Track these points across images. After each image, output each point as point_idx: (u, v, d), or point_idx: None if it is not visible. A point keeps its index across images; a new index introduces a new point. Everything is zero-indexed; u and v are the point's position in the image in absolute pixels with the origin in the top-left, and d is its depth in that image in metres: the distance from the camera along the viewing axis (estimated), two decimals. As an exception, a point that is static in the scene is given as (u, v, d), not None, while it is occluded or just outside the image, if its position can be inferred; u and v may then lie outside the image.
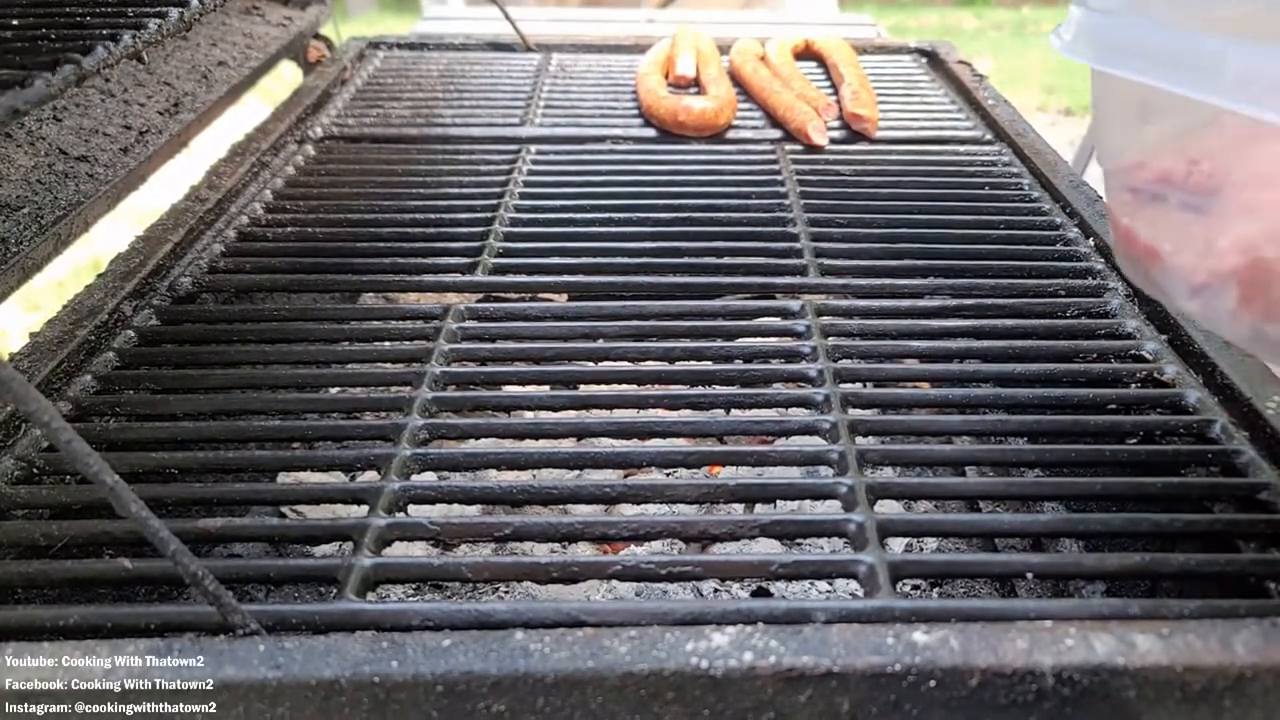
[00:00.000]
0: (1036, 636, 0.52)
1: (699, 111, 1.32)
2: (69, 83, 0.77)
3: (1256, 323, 0.48)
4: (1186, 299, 0.52)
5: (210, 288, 0.98)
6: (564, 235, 1.08)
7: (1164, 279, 0.54)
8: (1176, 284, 0.53)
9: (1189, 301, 0.52)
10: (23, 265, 0.92)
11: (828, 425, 0.75)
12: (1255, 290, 0.47)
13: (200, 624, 0.56)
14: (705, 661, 0.51)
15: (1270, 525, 0.65)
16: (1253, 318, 0.48)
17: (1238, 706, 0.51)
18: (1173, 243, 0.52)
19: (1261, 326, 0.48)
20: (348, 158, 1.28)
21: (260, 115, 1.39)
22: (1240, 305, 0.49)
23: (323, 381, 0.84)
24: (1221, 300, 0.49)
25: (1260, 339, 0.49)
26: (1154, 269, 0.54)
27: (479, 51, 1.72)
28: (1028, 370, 0.83)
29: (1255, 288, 0.47)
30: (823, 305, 0.92)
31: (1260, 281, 0.47)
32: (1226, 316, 0.50)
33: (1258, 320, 0.48)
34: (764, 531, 0.66)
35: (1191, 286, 0.51)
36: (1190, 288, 0.52)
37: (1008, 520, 0.66)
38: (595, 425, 0.78)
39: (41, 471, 0.72)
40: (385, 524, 0.65)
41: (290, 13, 1.72)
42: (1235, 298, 0.49)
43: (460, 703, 0.51)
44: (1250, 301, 0.48)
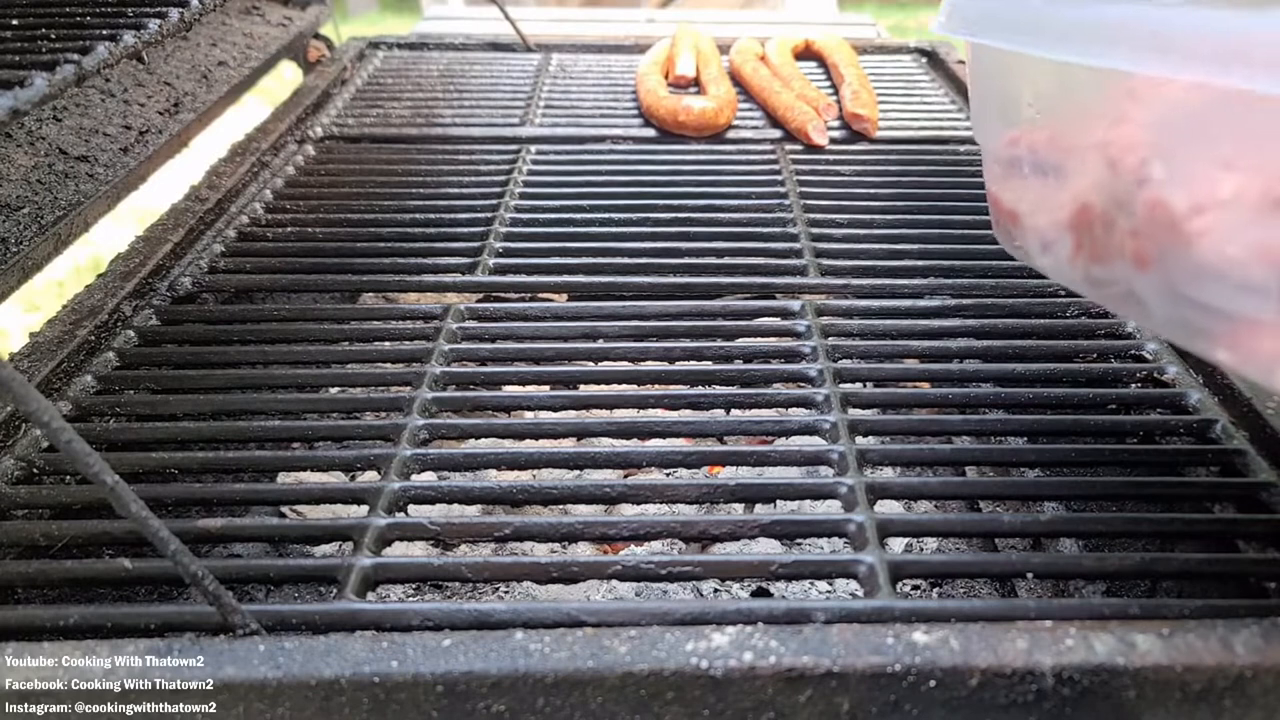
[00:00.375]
0: (1036, 636, 0.52)
1: (699, 111, 1.32)
2: (69, 83, 0.77)
3: (1086, 266, 0.52)
4: (1040, 255, 0.57)
5: (210, 288, 0.98)
6: (564, 235, 1.08)
7: (1023, 239, 0.59)
8: (1032, 242, 0.58)
9: (1041, 257, 0.57)
10: (23, 265, 0.92)
11: (828, 425, 0.75)
12: (1083, 234, 0.51)
13: (200, 624, 0.56)
14: (705, 661, 0.51)
15: (1270, 525, 0.65)
16: (1083, 261, 0.52)
17: (1238, 706, 0.51)
18: (1028, 205, 0.57)
19: (1089, 268, 0.52)
20: (348, 158, 1.28)
21: (260, 115, 1.39)
22: (1074, 252, 0.53)
23: (323, 381, 0.84)
24: (1062, 250, 0.54)
25: (1092, 282, 0.52)
26: (1015, 231, 0.60)
27: (479, 51, 1.72)
28: (1028, 370, 0.83)
29: (1082, 233, 0.51)
30: (823, 305, 0.93)
31: (1085, 226, 0.51)
32: (1066, 265, 0.54)
33: (1087, 263, 0.52)
34: (764, 531, 0.66)
35: (1043, 243, 0.56)
36: (1042, 244, 0.56)
37: (1008, 520, 0.66)
38: (595, 425, 0.78)
39: (41, 471, 0.72)
40: (385, 524, 0.65)
41: (290, 13, 1.72)
42: (1071, 245, 0.53)
43: (460, 703, 0.51)
44: (1080, 247, 0.52)
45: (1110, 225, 0.48)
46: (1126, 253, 0.47)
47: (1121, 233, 0.47)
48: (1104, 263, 0.50)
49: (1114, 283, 0.49)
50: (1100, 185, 0.48)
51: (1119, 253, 0.48)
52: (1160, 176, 0.44)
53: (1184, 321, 0.45)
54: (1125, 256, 0.47)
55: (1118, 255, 0.48)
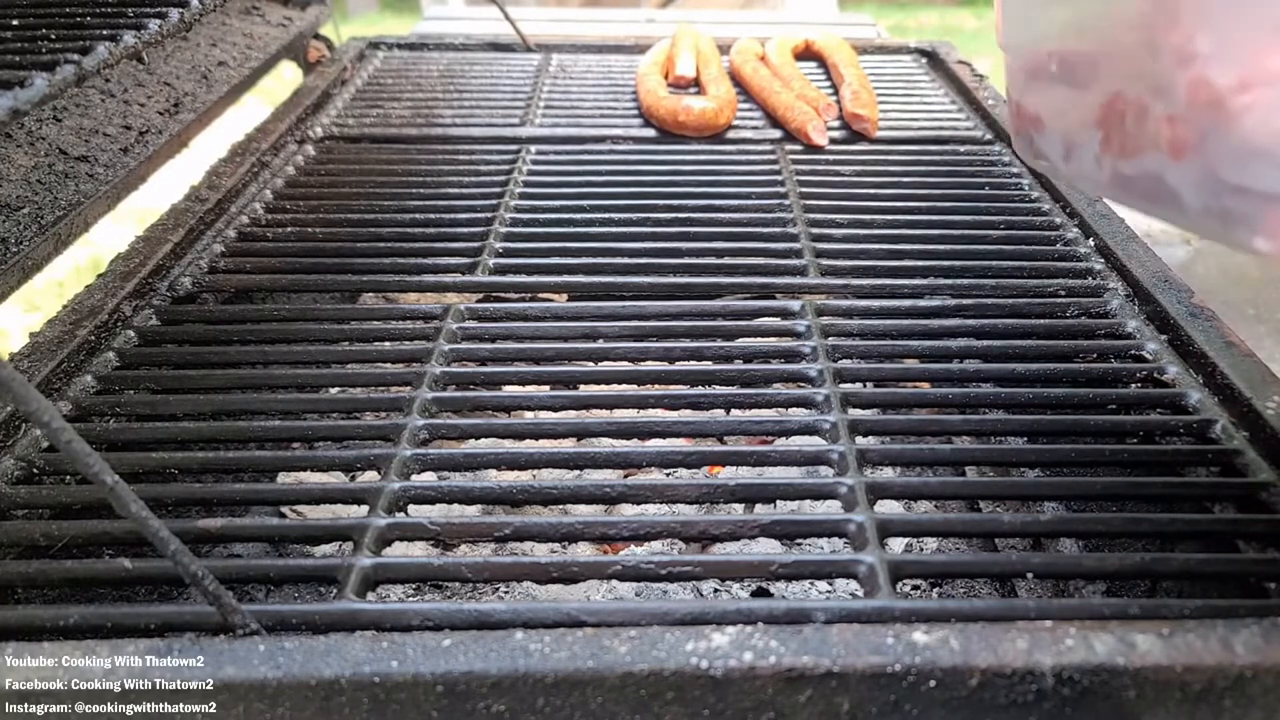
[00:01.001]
0: (1036, 636, 0.52)
1: (699, 111, 1.32)
2: (69, 83, 0.77)
3: (1114, 162, 0.51)
4: (1063, 160, 0.56)
5: (210, 288, 0.98)
6: (564, 235, 1.08)
7: (1045, 145, 0.58)
8: (1055, 146, 0.57)
9: (1065, 163, 0.56)
10: (23, 265, 0.92)
11: (828, 425, 0.75)
12: (1112, 128, 0.50)
13: (200, 624, 0.56)
14: (705, 661, 0.51)
15: (1270, 525, 0.65)
16: (1111, 158, 0.51)
17: (1238, 706, 0.51)
18: (1053, 109, 0.57)
19: (1118, 165, 0.51)
20: (348, 158, 1.28)
21: (260, 115, 1.39)
22: (1102, 149, 0.52)
23: (323, 382, 0.84)
24: (1088, 150, 0.53)
25: (1119, 180, 0.51)
26: (1038, 137, 0.59)
27: (479, 51, 1.72)
28: (1028, 370, 0.83)
29: (1112, 126, 0.50)
30: (823, 305, 0.93)
31: (1117, 118, 0.50)
32: (1093, 166, 0.53)
33: (1116, 159, 0.51)
34: (764, 531, 0.66)
35: (1067, 146, 0.56)
36: (1066, 148, 0.56)
37: (1008, 520, 0.66)
38: (595, 425, 0.78)
39: (41, 471, 0.72)
40: (385, 524, 0.65)
41: (290, 13, 1.72)
42: (1099, 141, 0.52)
43: (460, 703, 0.51)
44: (1108, 143, 0.51)
45: (1143, 114, 0.47)
46: (1161, 142, 0.46)
47: (1156, 120, 0.46)
48: (1134, 156, 0.49)
49: (1144, 178, 0.48)
50: (1136, 72, 0.47)
51: (1152, 143, 0.46)
52: (1206, 52, 0.42)
53: (1222, 211, 0.44)
54: (1160, 146, 0.46)
55: (1150, 146, 0.47)
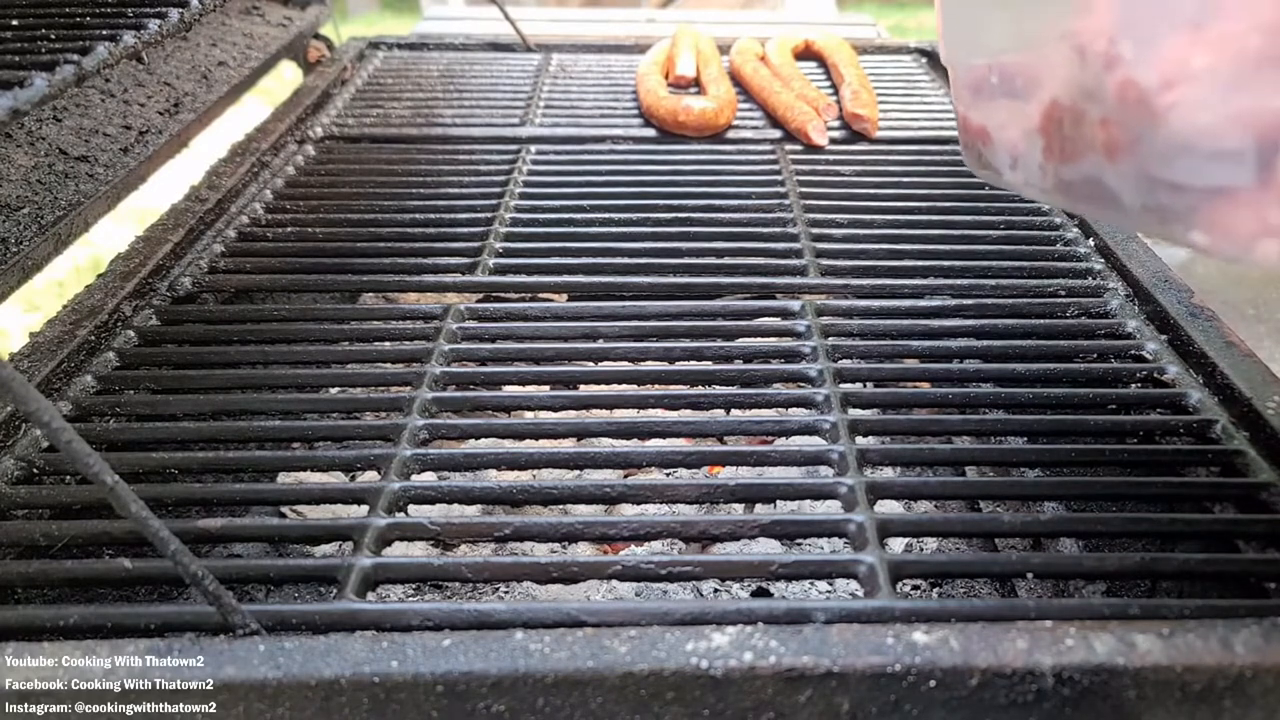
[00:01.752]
0: (1036, 636, 0.52)
1: (699, 111, 1.32)
2: (69, 83, 0.77)
3: (1058, 169, 0.52)
4: (1009, 171, 0.58)
5: (210, 288, 0.98)
6: (564, 235, 1.08)
7: (992, 156, 0.60)
8: (1002, 158, 0.58)
9: (1011, 173, 0.58)
10: (23, 265, 0.92)
11: (828, 425, 0.75)
12: (1052, 135, 0.51)
13: (200, 624, 0.56)
14: (705, 661, 0.51)
15: (1270, 525, 0.65)
16: (1054, 165, 0.52)
17: (1238, 706, 0.51)
18: (998, 121, 0.58)
19: (1060, 171, 0.52)
20: (348, 158, 1.28)
21: (260, 115, 1.39)
22: (1044, 156, 0.53)
23: (323, 382, 0.84)
24: (1032, 158, 0.54)
25: (1062, 185, 0.52)
26: (985, 149, 0.60)
27: (479, 51, 1.72)
28: (1028, 370, 0.83)
29: (1051, 133, 0.51)
30: (823, 305, 0.93)
31: (1054, 125, 0.51)
32: (1038, 174, 0.54)
33: (1058, 165, 0.52)
34: (764, 531, 0.66)
35: (1012, 157, 0.57)
36: (1011, 158, 0.57)
37: (1008, 520, 0.66)
38: (595, 425, 0.78)
39: (41, 471, 0.72)
40: (385, 524, 0.65)
41: (290, 13, 1.72)
42: (1041, 149, 0.53)
43: (460, 703, 0.51)
44: (1050, 150, 0.52)
45: (1079, 119, 0.48)
46: (1097, 144, 0.47)
47: (1091, 124, 0.47)
48: (1074, 160, 0.50)
49: (1084, 181, 0.49)
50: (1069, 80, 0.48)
51: (1089, 146, 0.47)
52: (1129, 55, 0.43)
53: (1158, 208, 0.44)
54: (1096, 149, 0.47)
55: (1088, 149, 0.48)
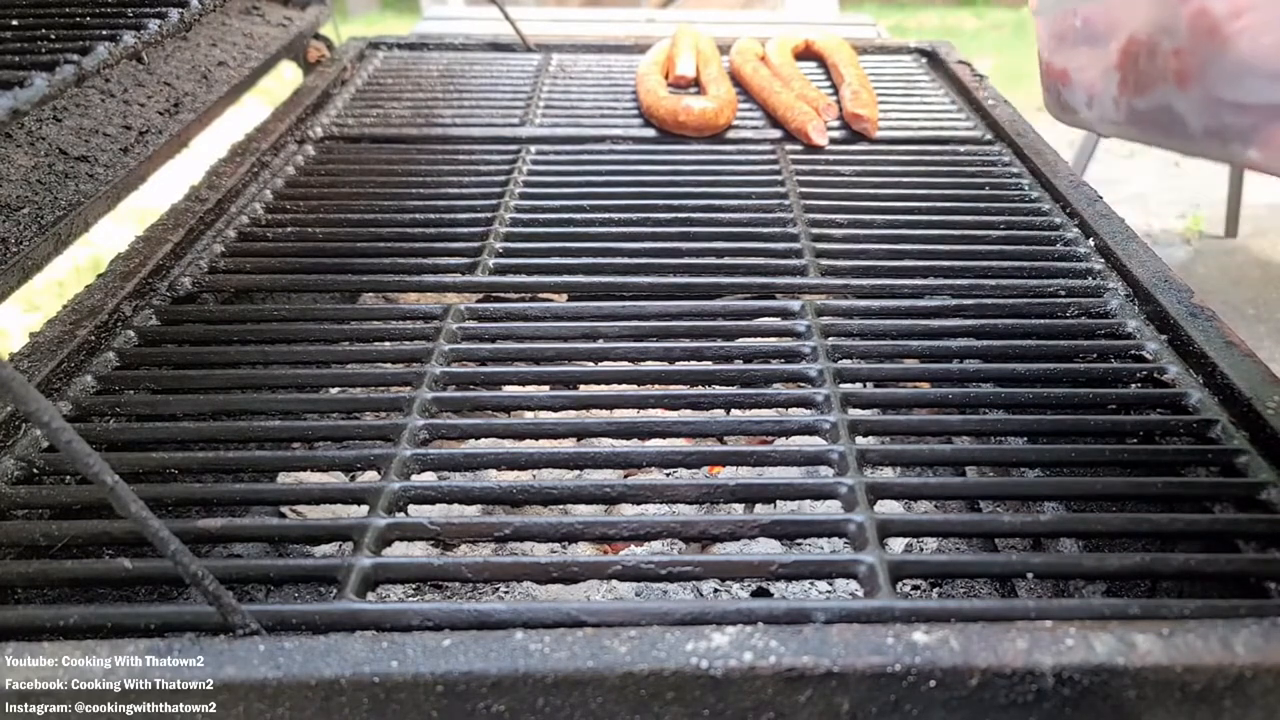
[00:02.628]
0: (1036, 636, 0.52)
1: (699, 111, 1.32)
2: (69, 83, 0.77)
3: (1131, 101, 0.55)
4: (1085, 109, 0.61)
5: (210, 288, 0.98)
6: (564, 235, 1.08)
7: (1071, 96, 0.63)
8: (1079, 97, 0.62)
9: (1087, 110, 0.61)
10: (23, 265, 0.92)
11: (828, 425, 0.75)
12: (1128, 69, 0.54)
13: (200, 624, 0.56)
14: (705, 661, 0.51)
15: (1270, 525, 0.65)
16: (1127, 98, 0.55)
17: (1238, 706, 0.51)
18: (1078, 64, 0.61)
19: (1134, 102, 0.55)
20: (348, 158, 1.28)
21: (260, 115, 1.39)
22: (1119, 90, 0.56)
23: (323, 382, 0.84)
24: (1107, 94, 0.57)
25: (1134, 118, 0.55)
26: (1064, 90, 0.64)
27: (479, 51, 1.72)
28: (1028, 370, 0.83)
29: (1127, 66, 0.54)
30: (823, 305, 0.92)
31: (1131, 59, 0.54)
32: (1112, 108, 0.57)
33: (1131, 98, 0.55)
34: (764, 531, 0.66)
35: (1089, 95, 0.60)
36: (1088, 97, 0.60)
37: (1008, 520, 0.66)
38: (595, 425, 0.78)
39: (41, 471, 0.72)
40: (385, 524, 0.65)
41: (290, 13, 1.72)
42: (1116, 84, 0.56)
43: (460, 703, 0.51)
44: (1124, 83, 0.55)
45: (1154, 51, 0.52)
46: (1169, 73, 0.50)
47: (1165, 55, 0.51)
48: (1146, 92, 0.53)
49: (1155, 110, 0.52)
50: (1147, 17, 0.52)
51: (1161, 76, 0.51)
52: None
53: (1221, 129, 0.48)
54: (1168, 78, 0.50)
55: (1160, 79, 0.51)
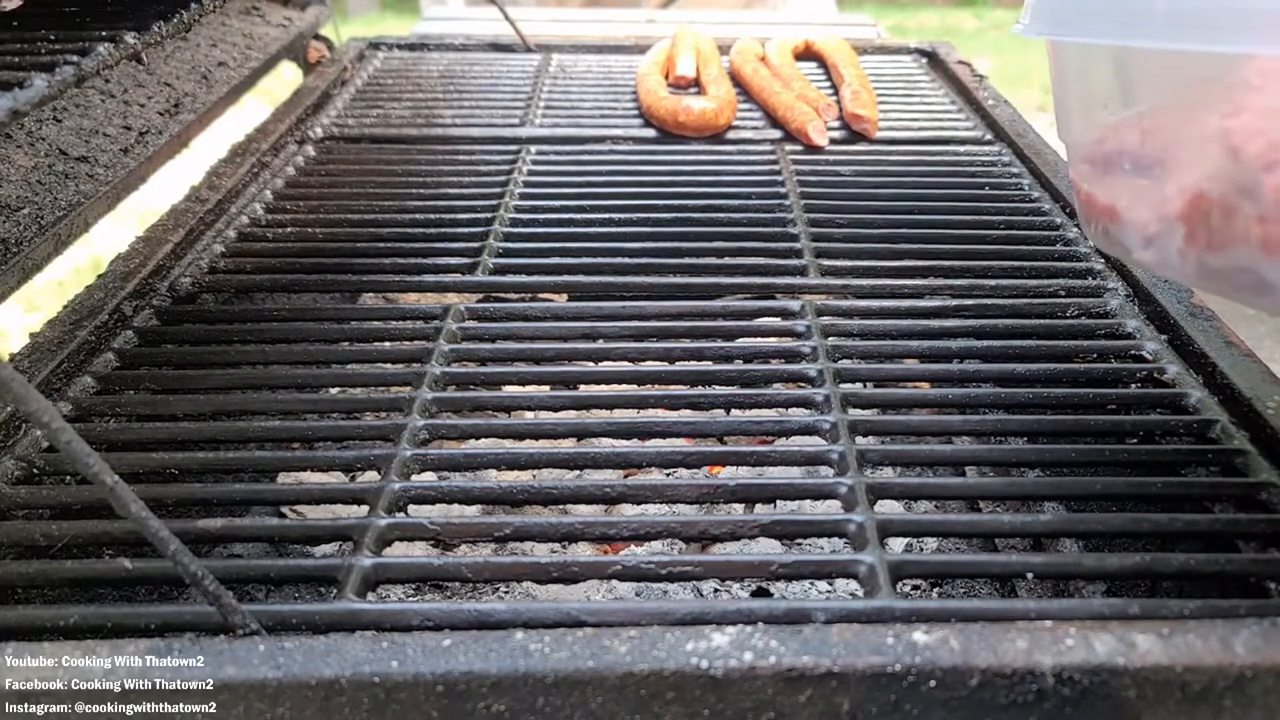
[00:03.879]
0: (1036, 636, 0.52)
1: (699, 112, 1.32)
2: (69, 83, 0.77)
3: (1201, 255, 0.53)
4: (1141, 249, 0.58)
5: (210, 288, 0.98)
6: (564, 235, 1.08)
7: (1121, 234, 0.60)
8: (1132, 237, 0.59)
9: (1144, 252, 0.58)
10: (23, 265, 0.92)
11: (828, 425, 0.75)
12: (1197, 224, 0.52)
13: (200, 624, 0.56)
14: (705, 661, 0.51)
15: (1270, 525, 0.65)
16: (1197, 252, 0.53)
17: (1238, 706, 0.51)
18: (1128, 200, 0.58)
19: (1205, 258, 0.52)
20: (348, 158, 1.28)
21: (260, 116, 1.39)
22: (1186, 243, 0.53)
23: (323, 382, 0.84)
24: (1171, 242, 0.54)
25: (1206, 272, 0.53)
26: (1113, 227, 0.60)
27: (479, 52, 1.72)
28: (1028, 370, 0.83)
29: (1197, 222, 0.52)
30: (823, 305, 0.92)
31: (1201, 215, 0.51)
32: (1176, 257, 0.55)
33: (1201, 253, 0.53)
34: (764, 531, 0.66)
35: (1145, 237, 0.57)
36: (1144, 238, 0.57)
37: (1008, 520, 0.66)
38: (595, 425, 0.78)
39: (41, 471, 0.72)
40: (385, 524, 0.65)
41: (290, 13, 1.72)
42: (1182, 236, 0.53)
43: (460, 703, 0.51)
44: (1193, 237, 0.53)
45: (1231, 213, 0.49)
46: (1252, 239, 0.48)
47: (1246, 219, 0.48)
48: (1223, 251, 0.50)
49: (1236, 271, 0.50)
50: (1218, 174, 0.49)
51: (1243, 240, 0.48)
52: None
53: None
54: (1251, 243, 0.48)
55: (1241, 242, 0.49)
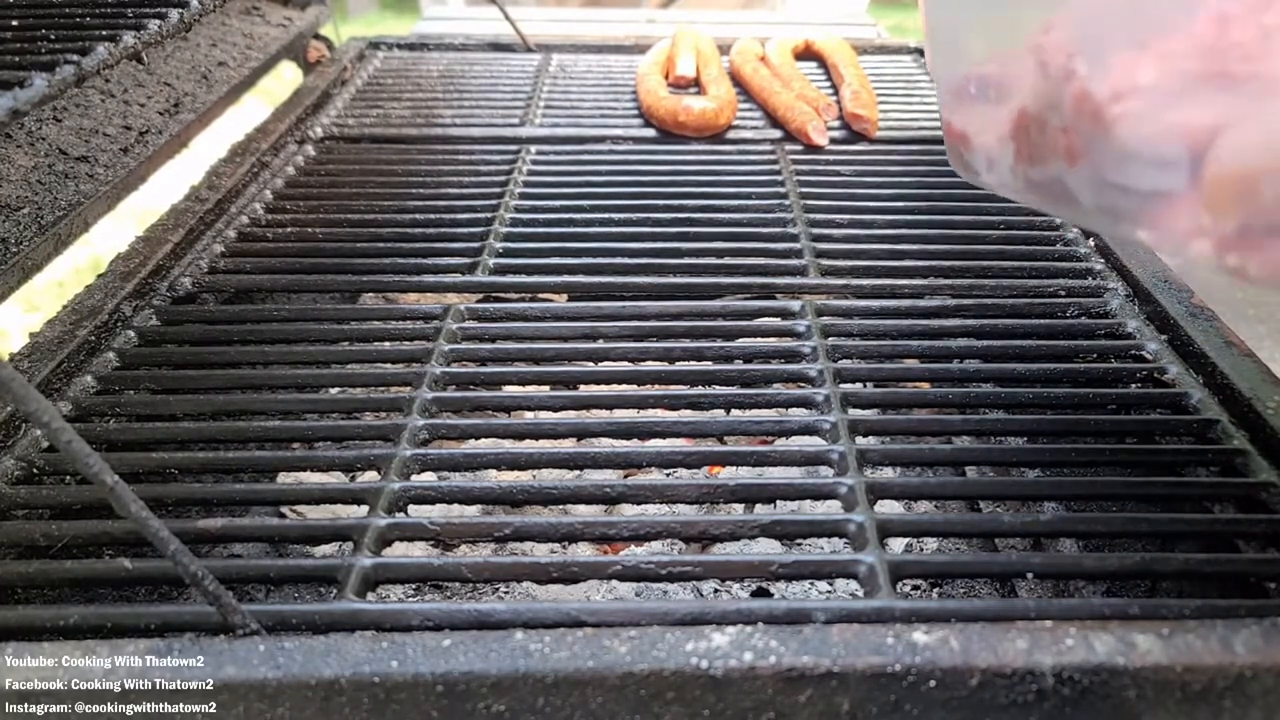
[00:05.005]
0: (1036, 636, 0.52)
1: (699, 111, 1.32)
2: (69, 83, 0.77)
3: (1025, 170, 0.56)
4: (986, 172, 0.61)
5: (210, 288, 0.98)
6: (564, 235, 1.08)
7: (972, 159, 0.63)
8: (980, 160, 0.62)
9: (988, 174, 0.61)
10: (23, 265, 0.92)
11: (828, 425, 0.75)
12: (1021, 141, 0.55)
13: (200, 624, 0.56)
14: (705, 661, 0.51)
15: (1270, 525, 0.65)
16: (1023, 167, 0.56)
17: (1238, 706, 0.51)
18: (976, 126, 0.61)
19: (1028, 172, 0.55)
20: (348, 158, 1.28)
21: (260, 115, 1.39)
22: (1015, 160, 0.56)
23: (323, 382, 0.84)
24: (1005, 161, 0.57)
25: (1030, 186, 0.56)
26: (966, 153, 0.64)
27: (479, 52, 1.72)
28: (1028, 370, 0.83)
29: (1020, 139, 0.55)
30: (823, 305, 0.93)
31: (1023, 131, 0.54)
32: (1009, 175, 0.57)
33: (1026, 168, 0.55)
34: (764, 531, 0.66)
35: (988, 160, 0.60)
36: (987, 161, 0.60)
37: (1008, 520, 0.66)
38: (595, 425, 0.78)
39: (41, 471, 0.72)
40: (385, 524, 0.65)
41: (290, 13, 1.72)
42: (1012, 154, 0.56)
43: (460, 703, 0.51)
44: (1020, 154, 0.55)
45: (1044, 126, 0.52)
46: (1059, 149, 0.51)
47: (1054, 131, 0.51)
48: (1040, 164, 0.54)
49: (1049, 182, 0.53)
50: (1035, 91, 0.52)
51: (1053, 151, 0.51)
52: (1084, 70, 0.48)
53: (1110, 208, 0.49)
54: (1058, 153, 0.51)
55: (1051, 154, 0.52)
